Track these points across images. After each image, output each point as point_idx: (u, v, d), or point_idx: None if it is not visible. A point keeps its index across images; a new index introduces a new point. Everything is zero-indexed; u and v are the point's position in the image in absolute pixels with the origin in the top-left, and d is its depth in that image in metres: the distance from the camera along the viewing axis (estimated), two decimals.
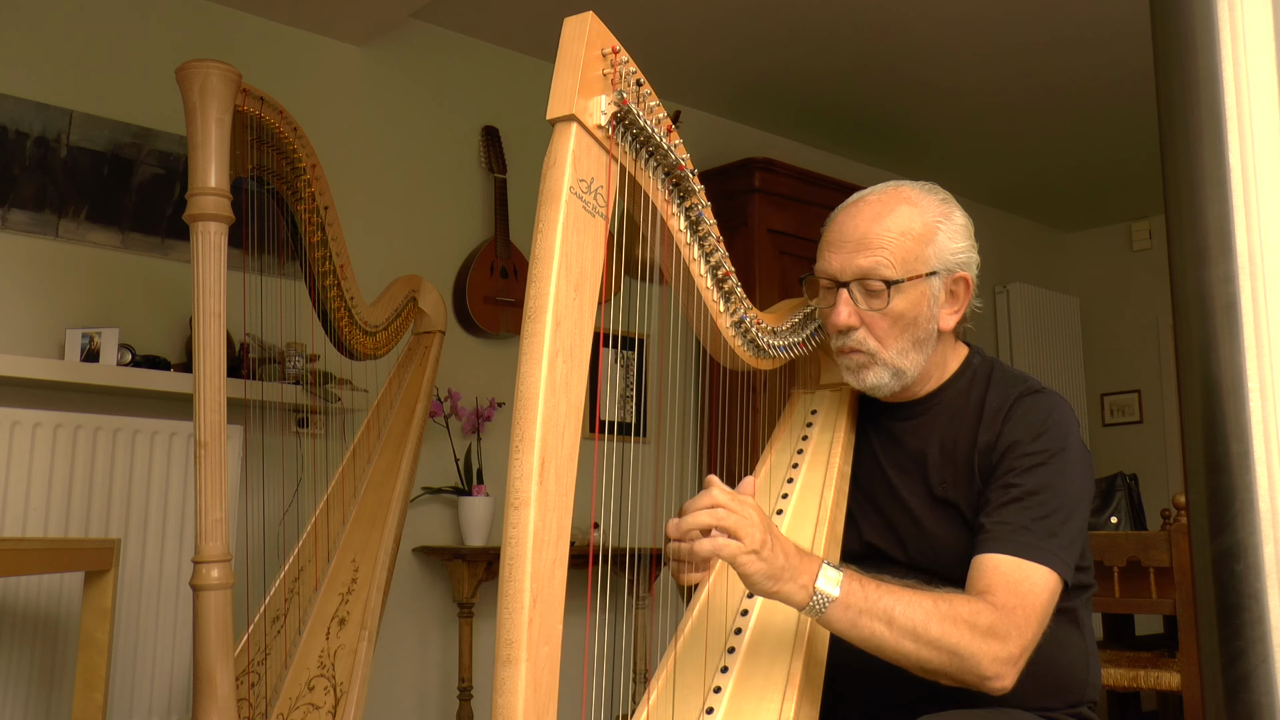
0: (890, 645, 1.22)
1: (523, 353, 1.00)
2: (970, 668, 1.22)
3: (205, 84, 2.01)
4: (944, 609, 1.22)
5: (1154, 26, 0.73)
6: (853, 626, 1.21)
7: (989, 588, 1.28)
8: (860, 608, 1.20)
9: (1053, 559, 1.30)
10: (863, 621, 1.20)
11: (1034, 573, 1.29)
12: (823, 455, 1.52)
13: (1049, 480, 1.35)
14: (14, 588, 2.62)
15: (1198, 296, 0.69)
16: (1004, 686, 1.24)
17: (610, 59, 1.09)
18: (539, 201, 1.04)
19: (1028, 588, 1.28)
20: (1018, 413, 1.41)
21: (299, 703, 2.21)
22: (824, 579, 1.19)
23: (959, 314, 1.48)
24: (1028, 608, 1.27)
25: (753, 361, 1.49)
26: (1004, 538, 1.31)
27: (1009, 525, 1.32)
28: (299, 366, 2.95)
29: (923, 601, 1.22)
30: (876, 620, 1.20)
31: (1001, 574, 1.29)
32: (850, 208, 1.47)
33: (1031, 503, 1.33)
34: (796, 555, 1.19)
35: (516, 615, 0.95)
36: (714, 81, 4.07)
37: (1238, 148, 0.68)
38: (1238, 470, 0.66)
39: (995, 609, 1.25)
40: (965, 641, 1.21)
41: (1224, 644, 0.66)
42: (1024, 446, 1.38)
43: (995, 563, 1.30)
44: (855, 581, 1.21)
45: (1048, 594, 1.30)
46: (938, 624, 1.21)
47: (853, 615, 1.20)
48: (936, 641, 1.21)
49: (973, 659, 1.22)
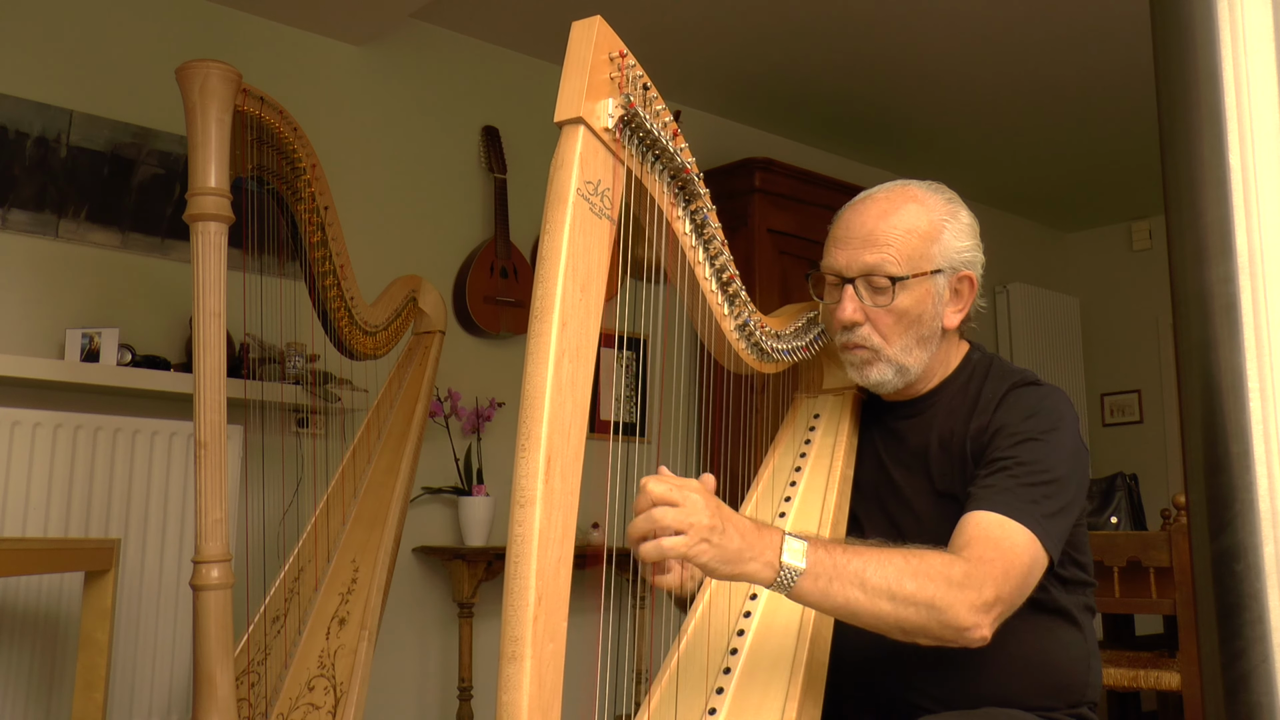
0: (866, 609, 1.17)
1: (529, 352, 1.01)
2: (948, 620, 1.18)
3: (205, 84, 2.01)
4: (915, 564, 1.19)
5: (1154, 26, 0.74)
6: (825, 596, 1.16)
7: (967, 543, 1.26)
8: (830, 575, 1.16)
9: (1035, 524, 1.28)
10: (834, 589, 1.16)
11: (1015, 531, 1.27)
12: (825, 459, 1.52)
13: (1038, 454, 1.34)
14: (14, 588, 2.62)
15: (1198, 296, 0.69)
16: (983, 636, 1.21)
17: (617, 63, 1.09)
18: (546, 203, 1.04)
19: (1008, 545, 1.25)
20: (1010, 399, 1.42)
21: (299, 703, 2.21)
22: (788, 552, 1.15)
23: (963, 312, 1.49)
24: (1005, 561, 1.24)
25: (756, 365, 1.50)
26: (987, 497, 1.30)
27: (994, 488, 1.31)
28: (299, 366, 2.96)
29: (893, 559, 1.19)
30: (849, 585, 1.16)
31: (982, 529, 1.27)
32: (857, 205, 1.48)
33: (1019, 471, 1.32)
34: (755, 533, 1.14)
35: (522, 613, 0.95)
36: (714, 81, 4.07)
37: (1238, 148, 0.68)
38: (1238, 470, 0.67)
39: (968, 561, 1.22)
40: (940, 593, 1.18)
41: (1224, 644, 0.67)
42: (1013, 427, 1.38)
43: (976, 519, 1.28)
44: (822, 549, 1.17)
45: (1028, 556, 1.26)
46: (911, 579, 1.17)
47: (823, 585, 1.16)
48: (912, 597, 1.17)
49: (949, 609, 1.18)
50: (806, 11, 3.52)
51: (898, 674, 1.40)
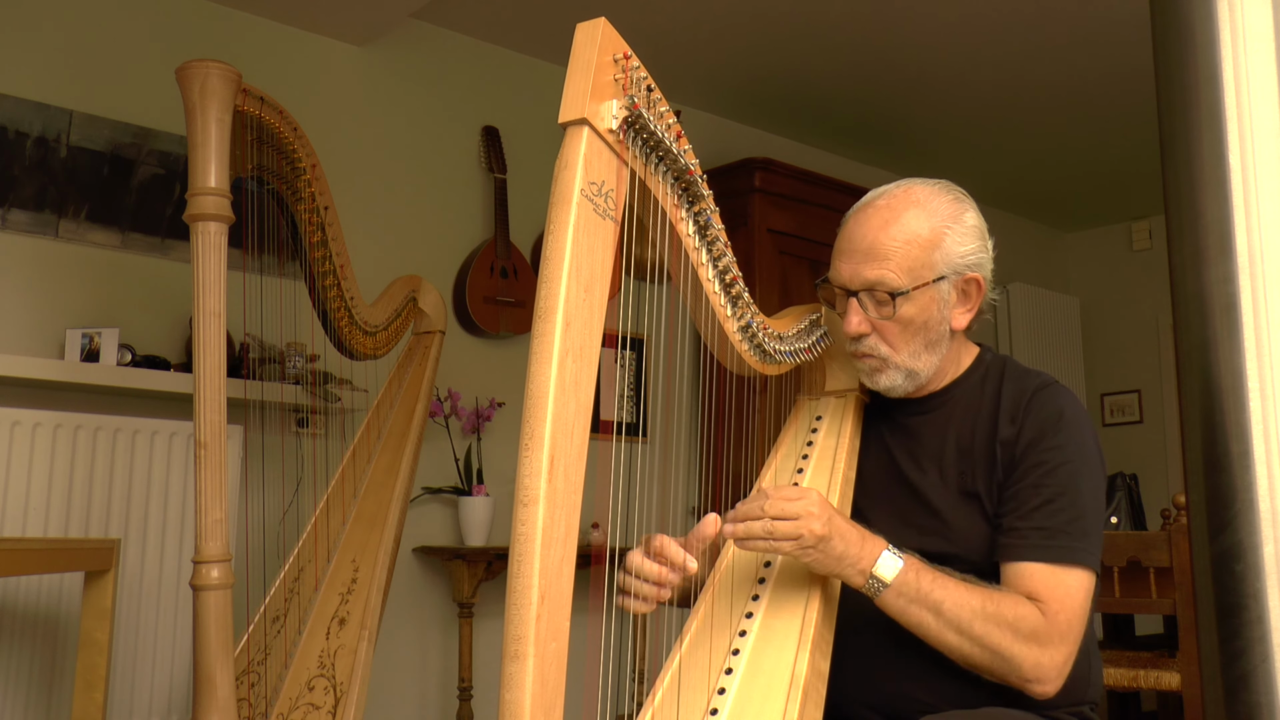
0: (934, 635, 1.29)
1: (533, 352, 1.01)
2: (1011, 670, 1.29)
3: (205, 84, 2.01)
4: (990, 609, 1.29)
5: (1154, 26, 0.74)
6: (902, 613, 1.29)
7: (1032, 595, 1.33)
8: (911, 596, 1.28)
9: (1087, 557, 1.35)
10: (912, 609, 1.29)
11: (1071, 577, 1.34)
12: (827, 461, 1.52)
13: (1074, 479, 1.39)
14: (14, 588, 2.62)
15: (1198, 296, 0.69)
16: (1045, 692, 1.30)
17: (622, 64, 1.09)
18: (550, 203, 1.04)
19: (1065, 592, 1.33)
20: (1036, 406, 1.44)
21: (299, 703, 2.21)
22: (882, 565, 1.28)
23: (972, 313, 1.49)
24: (1069, 612, 1.32)
25: (759, 366, 1.50)
26: (1040, 544, 1.35)
27: (1043, 530, 1.36)
28: (299, 366, 2.96)
29: (972, 599, 1.29)
30: (925, 610, 1.28)
31: (1041, 581, 1.34)
32: (860, 213, 1.48)
33: (1062, 504, 1.37)
34: (859, 543, 1.28)
35: (524, 611, 0.95)
36: (714, 81, 4.07)
37: (1238, 148, 0.68)
38: (1238, 470, 0.67)
39: (1041, 615, 1.31)
40: (1007, 644, 1.28)
41: (1224, 644, 0.67)
42: (1047, 441, 1.41)
43: (1034, 571, 1.34)
44: (912, 571, 1.29)
45: (1084, 593, 1.34)
46: (981, 623, 1.28)
47: (903, 603, 1.28)
48: (979, 639, 1.28)
49: (1013, 661, 1.28)
50: (807, 12, 3.53)
51: (899, 674, 1.40)
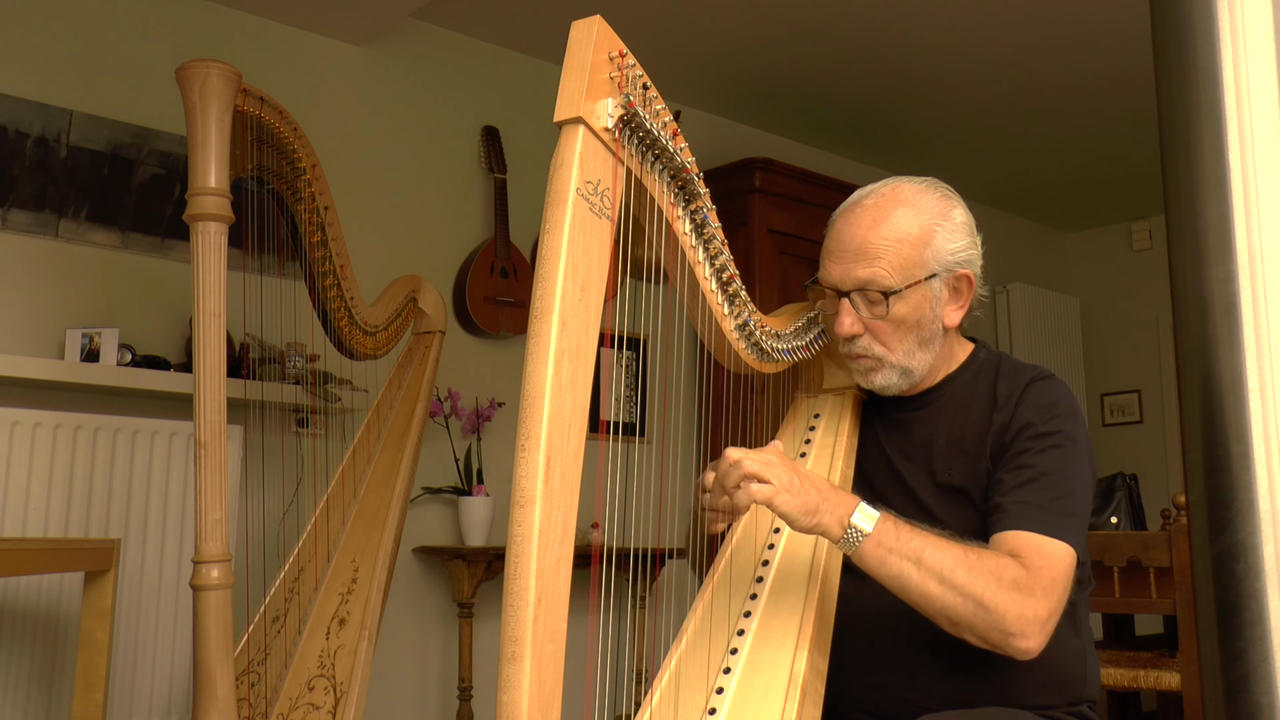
0: (916, 586, 1.25)
1: (529, 352, 1.01)
2: (995, 621, 1.24)
3: (205, 84, 2.01)
4: (973, 559, 1.26)
5: (1154, 26, 0.74)
6: (881, 564, 1.26)
7: (1014, 551, 1.31)
8: (890, 546, 1.25)
9: (1070, 536, 1.33)
10: (892, 560, 1.25)
11: (1055, 544, 1.32)
12: (825, 459, 1.52)
13: (1061, 463, 1.38)
14: (14, 588, 2.62)
15: (1198, 296, 0.69)
16: (1029, 648, 1.26)
17: (617, 62, 1.09)
18: (546, 203, 1.04)
19: (1049, 554, 1.31)
20: (1030, 395, 1.44)
21: (299, 703, 2.21)
22: (859, 515, 1.25)
23: (964, 309, 1.49)
24: (1053, 570, 1.29)
25: (756, 364, 1.50)
26: (1023, 515, 1.34)
27: (1027, 504, 1.35)
28: (299, 366, 2.96)
29: (953, 549, 1.26)
30: (905, 560, 1.25)
31: (1025, 541, 1.32)
32: (848, 213, 1.48)
33: (1046, 483, 1.36)
34: (831, 490, 1.26)
35: (521, 613, 0.95)
36: (714, 81, 4.07)
37: (1238, 148, 0.68)
38: (1238, 470, 0.67)
39: (1022, 567, 1.28)
40: (991, 592, 1.24)
41: (1224, 644, 0.66)
42: (1037, 428, 1.40)
43: (1017, 535, 1.33)
44: (889, 522, 1.26)
45: (1067, 563, 1.32)
46: (964, 571, 1.24)
47: (882, 553, 1.25)
48: (962, 587, 1.24)
49: (997, 611, 1.23)
50: (807, 12, 3.52)
51: (898, 673, 1.40)
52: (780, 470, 1.23)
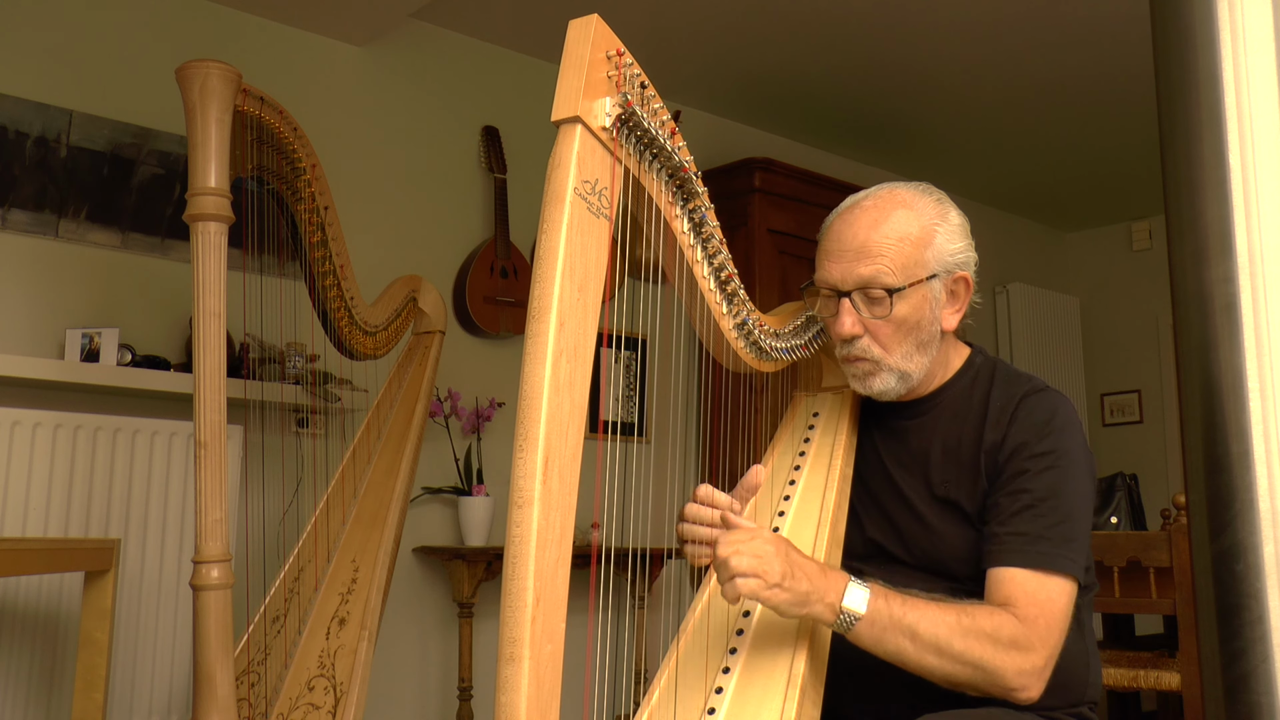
0: (913, 659, 1.26)
1: (527, 352, 1.00)
2: (995, 680, 1.26)
3: (205, 84, 2.01)
4: (966, 624, 1.26)
5: (1154, 26, 0.74)
6: (878, 643, 1.26)
7: (1009, 600, 1.31)
8: (884, 624, 1.25)
9: (1069, 564, 1.33)
10: (887, 638, 1.25)
11: (1051, 583, 1.32)
12: (824, 458, 1.52)
13: (1058, 484, 1.37)
14: (14, 588, 2.62)
15: (1198, 296, 0.69)
16: (1030, 697, 1.28)
17: (615, 61, 1.09)
18: (543, 202, 1.04)
19: (1045, 597, 1.31)
20: (1023, 413, 1.42)
21: (299, 703, 2.21)
22: (850, 597, 1.24)
23: (960, 313, 1.49)
24: (1049, 617, 1.30)
25: (755, 363, 1.49)
26: (1020, 549, 1.33)
27: (1025, 536, 1.34)
28: (299, 366, 2.96)
29: (946, 616, 1.26)
30: (901, 636, 1.25)
31: (1020, 586, 1.31)
32: (846, 215, 1.47)
33: (1044, 509, 1.35)
34: (821, 576, 1.24)
35: (520, 614, 0.95)
36: (714, 81, 4.07)
37: (1238, 148, 0.68)
38: (1238, 470, 0.67)
39: (1018, 621, 1.28)
40: (988, 656, 1.25)
41: (1224, 644, 0.66)
42: (1031, 448, 1.39)
43: (1013, 575, 1.32)
44: (881, 599, 1.25)
45: (1065, 600, 1.32)
46: (960, 639, 1.25)
47: (877, 632, 1.25)
48: (960, 656, 1.25)
49: (997, 672, 1.26)
50: (807, 12, 3.52)
51: (898, 673, 1.40)
52: (774, 562, 1.20)
